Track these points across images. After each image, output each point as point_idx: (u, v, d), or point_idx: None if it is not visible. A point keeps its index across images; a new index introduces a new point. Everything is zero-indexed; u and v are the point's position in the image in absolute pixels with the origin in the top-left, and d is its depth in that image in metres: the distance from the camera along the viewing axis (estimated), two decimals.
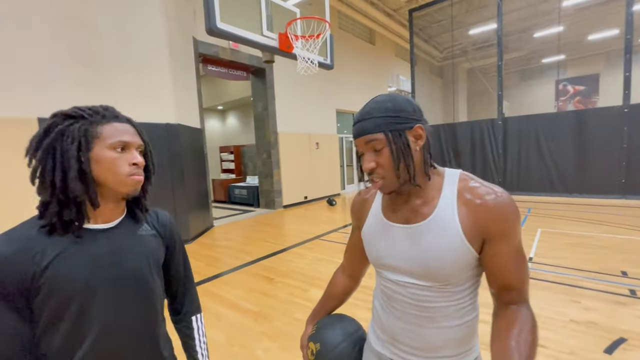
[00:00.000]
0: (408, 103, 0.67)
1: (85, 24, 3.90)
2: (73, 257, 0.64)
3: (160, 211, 0.85)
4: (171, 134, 4.69)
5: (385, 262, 0.75)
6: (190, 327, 0.89)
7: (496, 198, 0.64)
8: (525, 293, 0.66)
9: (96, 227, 0.68)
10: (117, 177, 0.66)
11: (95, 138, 0.64)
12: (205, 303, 2.88)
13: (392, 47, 12.29)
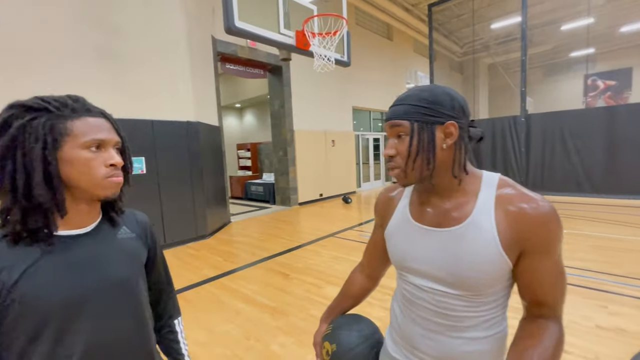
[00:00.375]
0: (448, 98, 0.63)
1: (111, 25, 4.04)
2: (46, 271, 0.56)
3: (137, 212, 0.79)
4: (191, 131, 4.81)
5: (409, 265, 0.71)
6: (174, 331, 0.84)
7: (538, 208, 0.59)
8: (558, 309, 0.62)
9: (70, 233, 0.61)
10: (93, 180, 0.58)
11: (65, 135, 0.56)
12: (223, 297, 2.95)
13: (411, 42, 12.06)
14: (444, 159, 0.64)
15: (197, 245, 4.72)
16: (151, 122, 4.41)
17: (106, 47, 4.00)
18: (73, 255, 0.60)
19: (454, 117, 0.62)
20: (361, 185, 10.57)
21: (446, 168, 0.65)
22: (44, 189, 0.54)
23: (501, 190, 0.63)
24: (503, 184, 0.65)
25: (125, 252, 0.68)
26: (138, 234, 0.74)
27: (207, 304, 2.83)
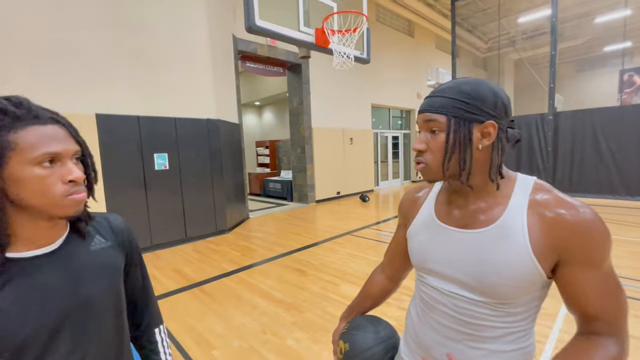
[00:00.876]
0: (491, 94, 0.58)
1: (137, 25, 4.19)
2: (12, 300, 0.50)
3: (110, 216, 0.71)
4: (211, 129, 4.92)
5: (430, 266, 0.68)
6: (153, 341, 0.78)
7: (578, 214, 0.53)
8: (616, 326, 0.54)
9: (33, 254, 0.54)
10: (50, 200, 0.50)
11: (8, 150, 0.47)
12: (240, 291, 3.01)
13: (433, 38, 11.78)
14: (479, 160, 0.60)
15: (216, 240, 4.84)
16: (174, 119, 4.54)
17: (132, 47, 4.16)
18: (39, 278, 0.53)
19: (495, 117, 0.58)
20: (379, 184, 10.47)
21: (480, 170, 0.61)
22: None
23: (536, 194, 0.59)
24: (539, 187, 0.60)
25: (100, 264, 0.62)
26: (113, 241, 0.68)
27: (226, 297, 2.90)
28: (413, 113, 11.38)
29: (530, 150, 7.06)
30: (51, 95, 3.56)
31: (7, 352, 0.49)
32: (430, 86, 11.81)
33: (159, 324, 0.81)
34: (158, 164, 4.42)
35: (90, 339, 0.59)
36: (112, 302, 0.64)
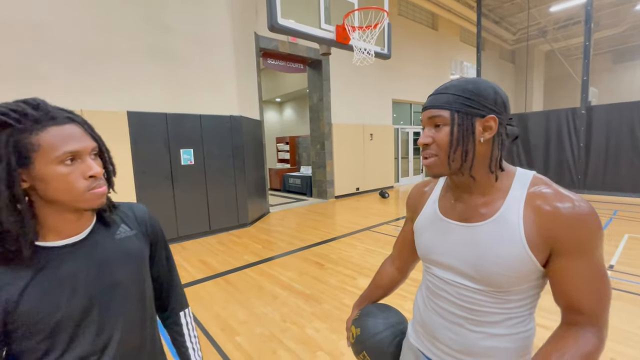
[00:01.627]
0: (492, 91, 0.62)
1: (164, 25, 4.38)
2: (46, 285, 0.56)
3: (135, 205, 0.76)
4: (234, 125, 5.07)
5: (435, 258, 0.72)
6: (179, 324, 0.84)
7: (573, 207, 0.56)
8: (597, 318, 0.57)
9: (65, 242, 0.59)
10: (73, 195, 0.55)
11: (32, 152, 0.52)
12: (262, 282, 3.13)
13: (457, 31, 11.43)
14: (481, 153, 0.63)
15: (238, 233, 5.01)
16: (199, 116, 4.72)
17: (159, 46, 4.35)
18: (68, 266, 0.58)
19: (495, 112, 0.62)
20: (399, 180, 10.36)
21: (482, 162, 0.64)
22: (11, 216, 0.52)
23: (534, 188, 0.62)
24: (537, 181, 0.63)
25: (125, 252, 0.67)
26: (138, 230, 0.72)
27: (248, 287, 3.02)
28: None
29: (560, 146, 6.75)
30: (87, 94, 3.80)
31: (43, 333, 0.56)
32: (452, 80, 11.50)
33: (184, 308, 0.86)
34: (184, 159, 4.62)
35: (117, 321, 0.64)
36: (137, 287, 0.69)
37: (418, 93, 10.11)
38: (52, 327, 0.56)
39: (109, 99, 3.97)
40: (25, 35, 3.44)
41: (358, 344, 0.86)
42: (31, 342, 0.56)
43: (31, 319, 0.55)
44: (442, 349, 0.72)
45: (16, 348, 0.57)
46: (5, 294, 0.53)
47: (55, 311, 0.56)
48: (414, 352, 0.79)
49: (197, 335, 0.88)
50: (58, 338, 0.58)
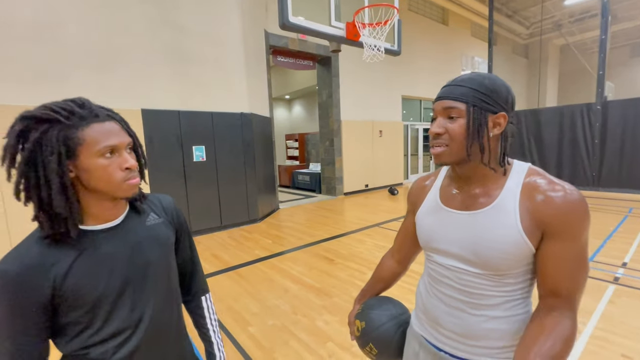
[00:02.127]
0: (505, 90, 0.65)
1: (176, 25, 4.46)
2: (88, 264, 0.62)
3: (161, 196, 0.83)
4: (245, 122, 5.14)
5: (436, 245, 0.75)
6: (201, 307, 0.90)
7: (565, 195, 0.60)
8: (573, 302, 0.62)
9: (103, 227, 0.66)
10: (112, 185, 0.62)
11: (78, 145, 0.58)
12: (273, 276, 3.19)
13: (468, 26, 11.25)
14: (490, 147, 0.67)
15: (249, 228, 5.10)
16: (211, 113, 4.80)
17: (172, 45, 4.44)
18: (106, 248, 0.65)
19: (505, 109, 0.65)
20: (409, 177, 10.31)
21: (492, 154, 0.67)
22: (62, 201, 0.58)
23: (529, 178, 0.66)
24: (532, 172, 0.67)
25: (155, 237, 0.73)
26: (165, 218, 0.78)
27: (259, 280, 3.09)
28: None
29: (574, 143, 6.62)
30: (103, 92, 3.92)
31: (86, 307, 0.63)
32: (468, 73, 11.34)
33: (205, 293, 0.92)
34: (196, 156, 4.72)
35: (148, 299, 0.70)
36: (165, 270, 0.75)
37: (428, 89, 10.01)
38: (93, 302, 0.63)
39: (124, 97, 4.08)
40: (45, 36, 3.56)
41: (363, 336, 0.89)
42: (75, 314, 0.63)
43: (76, 294, 0.61)
44: (444, 334, 0.75)
45: (62, 320, 0.63)
46: (54, 270, 0.59)
47: (96, 287, 0.63)
48: (418, 340, 0.83)
49: (217, 318, 0.94)
50: (98, 312, 0.64)
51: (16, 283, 0.57)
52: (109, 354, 0.65)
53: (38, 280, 0.58)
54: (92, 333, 0.64)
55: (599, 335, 2.01)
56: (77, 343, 0.64)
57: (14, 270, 0.57)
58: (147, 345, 0.70)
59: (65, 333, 0.64)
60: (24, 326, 0.59)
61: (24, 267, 0.57)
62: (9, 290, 0.57)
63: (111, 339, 0.66)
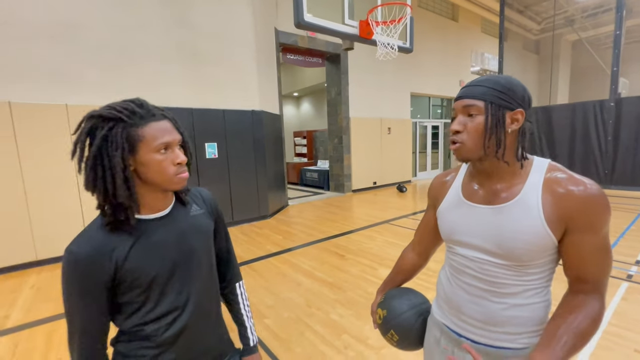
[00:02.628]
0: (521, 89, 0.69)
1: (189, 24, 4.53)
2: (144, 248, 0.69)
3: (201, 189, 0.90)
4: (255, 120, 5.20)
5: (459, 238, 0.79)
6: (235, 293, 0.97)
7: (585, 189, 0.64)
8: (600, 286, 0.66)
9: (155, 216, 0.73)
10: (165, 178, 0.68)
11: (138, 142, 0.64)
12: (285, 270, 3.26)
13: (478, 22, 11.12)
14: (508, 143, 0.70)
15: (260, 224, 5.18)
16: (223, 111, 4.88)
17: (185, 44, 4.51)
18: (157, 235, 0.71)
19: (522, 107, 0.69)
20: (417, 175, 10.30)
21: (508, 151, 0.70)
22: (125, 191, 0.64)
23: (550, 173, 0.69)
24: (553, 168, 0.70)
25: (197, 226, 0.79)
26: (205, 209, 0.85)
27: (272, 274, 3.16)
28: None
29: (586, 140, 6.54)
30: (119, 91, 4.01)
31: (141, 288, 0.69)
32: (474, 72, 11.23)
33: (239, 280, 0.99)
34: (209, 153, 4.80)
35: (192, 282, 0.77)
36: (207, 256, 0.82)
37: (437, 86, 9.96)
38: (147, 283, 0.70)
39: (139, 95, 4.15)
40: (62, 35, 3.65)
41: (385, 324, 0.93)
42: (132, 294, 0.70)
43: (133, 276, 0.68)
44: (466, 321, 0.78)
45: (120, 299, 0.70)
46: (116, 253, 0.66)
47: (150, 271, 0.70)
48: (439, 327, 0.86)
49: (249, 304, 1.00)
50: (152, 293, 0.71)
51: (86, 264, 0.64)
52: (161, 331, 0.72)
53: (103, 262, 0.65)
54: (147, 312, 0.72)
55: (613, 331, 2.03)
56: (134, 320, 0.71)
57: (85, 253, 0.64)
58: (193, 324, 0.77)
59: (122, 311, 0.71)
60: (92, 303, 0.66)
61: (93, 250, 0.64)
62: (81, 270, 0.64)
63: (163, 317, 0.73)
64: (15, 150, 3.43)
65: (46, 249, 3.66)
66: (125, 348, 0.73)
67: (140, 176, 0.68)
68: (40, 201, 3.60)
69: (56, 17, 3.60)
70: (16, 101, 3.43)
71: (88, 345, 0.67)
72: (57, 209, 3.70)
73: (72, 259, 0.63)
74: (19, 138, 3.44)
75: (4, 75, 3.38)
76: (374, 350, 1.96)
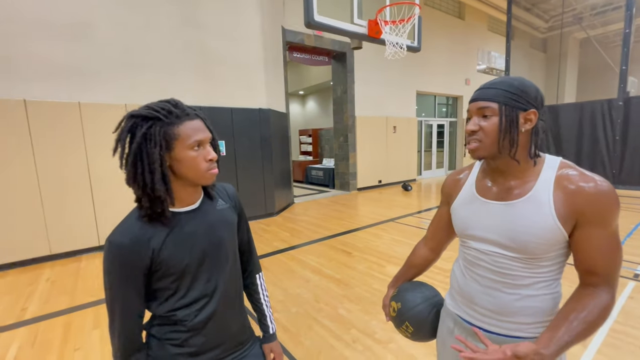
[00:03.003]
0: (534, 89, 0.72)
1: (198, 23, 4.58)
2: (177, 238, 0.74)
3: (226, 185, 0.95)
4: (262, 118, 5.25)
5: (472, 232, 0.82)
6: (255, 284, 1.02)
7: (595, 185, 0.66)
8: (610, 279, 0.68)
9: (186, 209, 0.78)
10: (197, 173, 0.72)
11: (174, 140, 0.69)
12: (293, 266, 3.31)
13: (485, 20, 11.05)
14: (521, 142, 0.73)
15: (266, 221, 5.24)
16: (230, 109, 4.93)
17: (194, 43, 4.56)
18: (190, 226, 0.77)
19: (535, 107, 0.72)
20: (422, 173, 10.29)
21: (522, 150, 0.74)
22: (162, 185, 0.68)
23: (562, 171, 0.72)
24: (564, 165, 0.73)
25: (224, 220, 0.85)
26: (230, 204, 0.90)
27: (281, 270, 3.22)
28: (460, 100, 10.88)
29: (594, 140, 6.51)
30: (130, 89, 4.08)
31: (174, 275, 0.75)
32: (480, 71, 11.17)
33: (259, 271, 1.04)
34: None
35: (220, 272, 0.82)
36: (232, 248, 0.87)
37: (443, 85, 9.93)
38: (179, 271, 0.75)
39: (149, 93, 4.23)
40: (79, 35, 3.73)
41: (400, 316, 0.97)
42: (166, 281, 0.75)
43: (167, 264, 0.73)
44: (479, 312, 0.82)
45: (155, 285, 0.76)
46: (153, 243, 0.72)
47: (183, 259, 0.75)
48: (452, 318, 0.90)
49: (268, 295, 1.05)
50: (183, 280, 0.77)
51: (127, 252, 0.69)
52: (191, 317, 0.77)
53: (141, 250, 0.70)
54: (178, 298, 0.77)
55: (618, 329, 2.05)
56: (167, 306, 0.76)
57: (126, 242, 0.69)
58: (220, 311, 0.82)
59: (157, 297, 0.77)
60: (131, 288, 0.72)
61: (133, 239, 0.70)
62: (122, 257, 0.69)
63: (193, 304, 0.78)
64: (30, 147, 3.52)
65: (59, 243, 3.76)
66: (158, 332, 0.78)
67: (175, 172, 0.72)
68: (54, 197, 3.69)
69: (70, 17, 3.67)
70: (31, 99, 3.51)
71: (127, 327, 0.72)
72: (69, 204, 3.78)
73: (113, 249, 0.69)
74: (33, 135, 3.53)
75: (20, 74, 3.46)
76: (381, 344, 2.01)
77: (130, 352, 0.74)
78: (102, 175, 3.94)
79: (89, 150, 3.85)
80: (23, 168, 3.50)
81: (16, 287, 3.07)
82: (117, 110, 3.94)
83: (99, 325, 2.35)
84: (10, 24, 3.38)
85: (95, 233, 3.96)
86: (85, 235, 3.91)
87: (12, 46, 3.40)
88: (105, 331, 2.25)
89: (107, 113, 3.89)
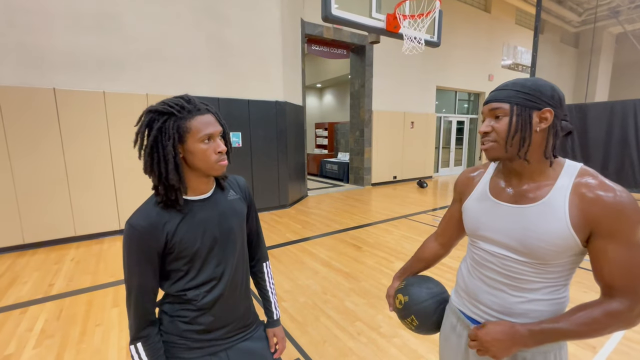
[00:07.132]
0: (549, 88, 0.70)
1: (219, 15, 4.64)
2: (190, 225, 0.80)
3: (238, 177, 1.00)
4: (279, 110, 5.30)
5: (482, 233, 0.81)
6: (262, 272, 1.07)
7: (615, 196, 0.63)
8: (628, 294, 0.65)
9: (199, 198, 0.84)
10: (208, 165, 0.78)
11: (186, 133, 0.74)
12: (303, 258, 3.37)
13: (512, 13, 10.60)
14: (536, 141, 0.71)
15: (279, 213, 5.32)
16: (247, 101, 5.00)
17: (214, 35, 4.64)
18: (202, 214, 0.83)
19: (551, 106, 0.70)
20: (439, 171, 10.11)
21: (537, 149, 0.72)
22: (176, 175, 0.74)
23: (581, 178, 0.70)
24: (584, 172, 0.71)
25: (234, 209, 0.90)
26: (240, 195, 0.95)
27: (291, 261, 3.29)
28: (482, 97, 10.55)
29: (623, 142, 6.18)
30: (152, 80, 4.21)
31: (186, 258, 0.81)
32: (505, 67, 10.77)
33: (266, 260, 1.09)
34: (233, 142, 4.96)
35: (229, 258, 0.88)
36: (241, 236, 0.93)
37: (464, 80, 9.65)
38: (191, 255, 0.81)
39: (170, 85, 4.36)
40: (106, 26, 3.87)
41: (406, 309, 0.98)
42: (179, 263, 0.82)
43: (180, 247, 0.79)
44: (482, 310, 0.82)
45: (168, 267, 0.83)
46: (167, 227, 0.78)
47: (194, 244, 0.81)
48: (456, 314, 0.91)
49: (274, 283, 1.09)
50: (195, 263, 0.83)
51: (145, 234, 0.76)
52: (200, 297, 0.84)
53: (157, 233, 0.77)
54: (189, 279, 0.83)
55: (631, 336, 1.99)
56: (178, 286, 0.83)
57: (144, 225, 0.76)
58: (227, 294, 0.88)
59: (169, 277, 0.84)
60: (147, 268, 0.78)
61: (150, 222, 0.76)
62: (140, 239, 0.76)
63: (202, 285, 0.84)
64: (59, 134, 3.72)
65: (84, 226, 3.97)
66: (170, 309, 0.86)
67: (188, 163, 0.78)
68: (79, 182, 3.89)
69: (102, 8, 3.81)
70: (60, 88, 3.69)
71: (142, 301, 0.79)
72: (93, 189, 3.99)
73: (132, 230, 0.76)
74: (62, 122, 3.72)
75: (50, 63, 3.64)
76: (385, 338, 2.04)
77: (144, 324, 0.80)
78: (124, 162, 4.12)
79: (112, 138, 4.02)
80: (52, 154, 3.71)
81: (45, 264, 3.29)
82: (140, 100, 4.09)
83: (117, 304, 2.49)
84: (41, 15, 3.55)
85: (117, 217, 4.16)
86: (107, 219, 4.12)
87: (43, 37, 3.58)
88: (123, 309, 2.39)
89: (130, 102, 4.04)
